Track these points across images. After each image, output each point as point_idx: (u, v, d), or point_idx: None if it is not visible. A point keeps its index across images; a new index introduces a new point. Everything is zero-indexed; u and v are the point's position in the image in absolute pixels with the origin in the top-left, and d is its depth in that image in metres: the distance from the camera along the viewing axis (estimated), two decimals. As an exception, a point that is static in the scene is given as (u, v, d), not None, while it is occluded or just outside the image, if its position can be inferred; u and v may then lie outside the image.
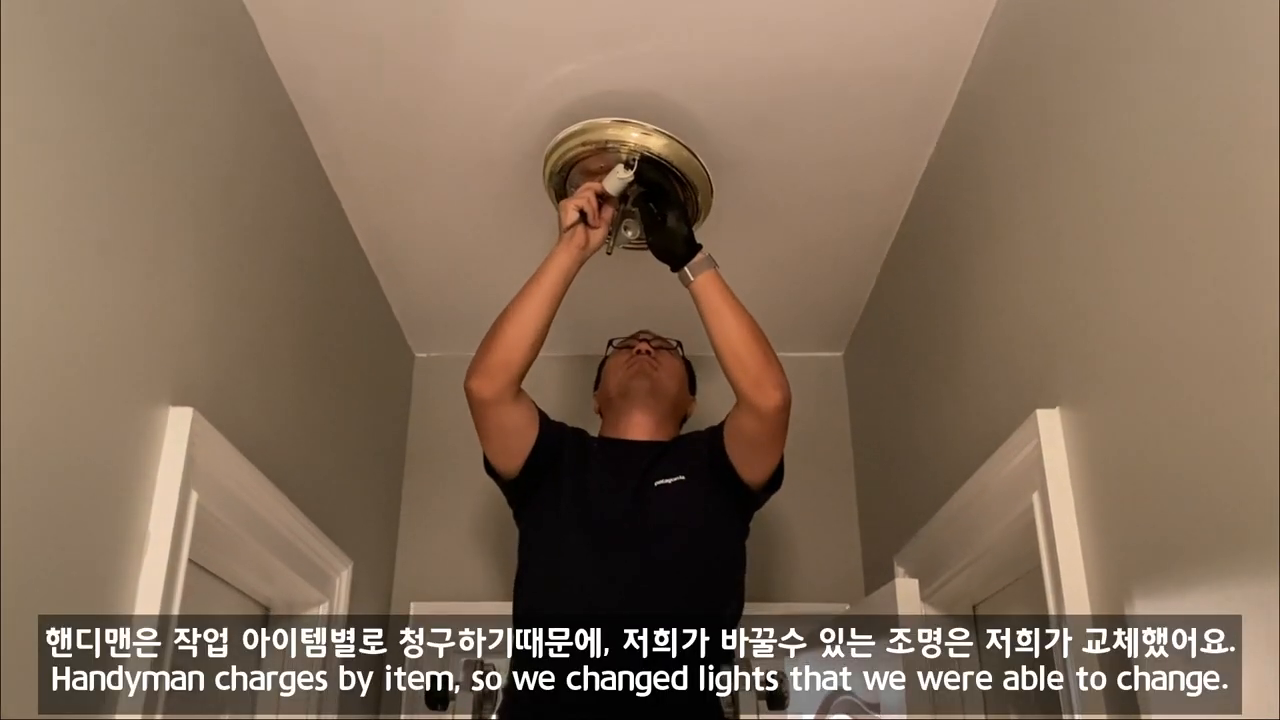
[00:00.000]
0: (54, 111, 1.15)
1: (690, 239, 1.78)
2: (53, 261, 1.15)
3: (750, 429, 1.79)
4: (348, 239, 2.35)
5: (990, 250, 1.78)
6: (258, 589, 1.98)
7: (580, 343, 2.60)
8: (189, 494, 1.42)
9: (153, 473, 1.38)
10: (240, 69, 1.72)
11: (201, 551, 1.62)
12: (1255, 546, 0.99)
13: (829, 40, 1.78)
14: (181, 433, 1.41)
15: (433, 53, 1.81)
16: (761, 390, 1.73)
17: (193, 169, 1.52)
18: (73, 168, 1.20)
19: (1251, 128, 0.98)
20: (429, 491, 2.85)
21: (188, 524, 1.42)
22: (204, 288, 1.56)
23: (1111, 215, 1.31)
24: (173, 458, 1.40)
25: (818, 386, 2.95)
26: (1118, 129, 1.29)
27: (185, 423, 1.42)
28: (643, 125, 1.80)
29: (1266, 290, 0.94)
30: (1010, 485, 1.58)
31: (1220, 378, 1.04)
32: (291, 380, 1.98)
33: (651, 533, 1.82)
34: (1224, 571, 1.06)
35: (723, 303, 1.77)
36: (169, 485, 1.38)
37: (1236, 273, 1.01)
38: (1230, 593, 1.04)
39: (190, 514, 1.43)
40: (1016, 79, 1.65)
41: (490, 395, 1.75)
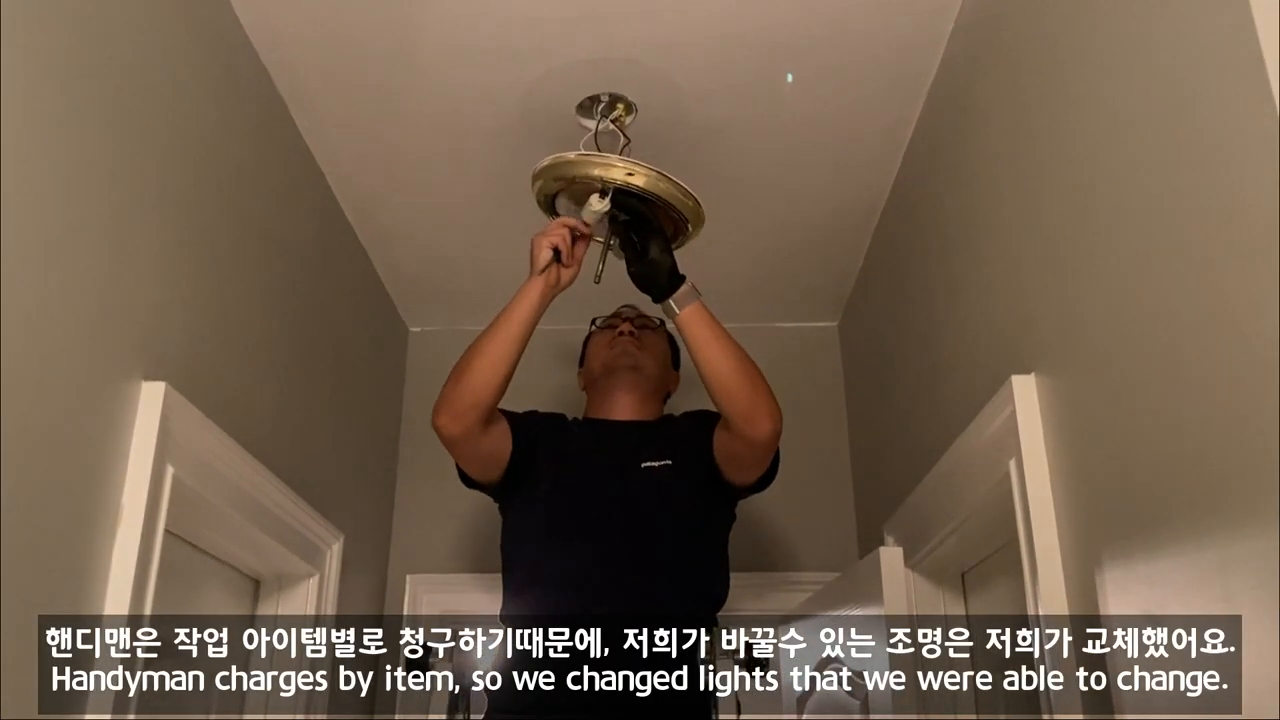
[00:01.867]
0: (15, 84, 1.15)
1: (674, 270, 1.70)
2: (18, 239, 1.15)
3: (739, 451, 1.76)
4: (335, 214, 2.34)
5: (972, 217, 1.76)
6: (246, 562, 2.00)
7: (567, 315, 2.59)
8: (164, 468, 1.43)
9: (125, 448, 1.39)
10: (216, 40, 1.71)
11: (185, 525, 1.63)
12: (1223, 510, 0.99)
13: (810, 5, 1.76)
14: (154, 407, 1.41)
15: (413, 24, 1.80)
16: (752, 423, 1.69)
17: (166, 142, 1.52)
18: (39, 141, 1.20)
19: (1229, 94, 0.96)
20: (426, 465, 2.85)
21: (163, 497, 1.43)
22: (176, 262, 1.56)
23: (1087, 182, 1.30)
24: (145, 432, 1.40)
25: (813, 357, 2.95)
26: (1095, 96, 1.27)
27: (158, 397, 1.42)
28: (605, 157, 1.72)
29: (1242, 259, 0.93)
30: (988, 452, 1.57)
31: (1193, 346, 1.04)
32: (276, 355, 1.98)
33: (639, 515, 1.82)
34: (1193, 535, 1.05)
35: (710, 335, 1.70)
36: (141, 460, 1.39)
37: (1212, 241, 1.00)
38: (1199, 557, 1.04)
39: (166, 488, 1.44)
40: (996, 43, 1.63)
41: (459, 433, 1.72)
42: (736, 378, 1.69)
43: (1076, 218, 1.33)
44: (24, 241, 1.16)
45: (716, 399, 1.71)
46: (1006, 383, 1.47)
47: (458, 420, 1.71)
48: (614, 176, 1.70)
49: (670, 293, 1.69)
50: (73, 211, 1.27)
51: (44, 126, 1.22)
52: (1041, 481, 1.40)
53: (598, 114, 1.99)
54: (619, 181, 1.70)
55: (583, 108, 2.00)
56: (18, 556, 1.15)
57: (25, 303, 1.17)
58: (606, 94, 1.97)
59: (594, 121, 1.99)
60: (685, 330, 1.71)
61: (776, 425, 1.70)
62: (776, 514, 2.77)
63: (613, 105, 1.98)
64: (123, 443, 1.38)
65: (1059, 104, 1.38)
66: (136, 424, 1.40)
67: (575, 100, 1.99)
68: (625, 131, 1.99)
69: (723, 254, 2.38)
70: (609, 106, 1.98)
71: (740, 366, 1.70)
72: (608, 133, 1.99)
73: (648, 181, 1.70)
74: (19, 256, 1.15)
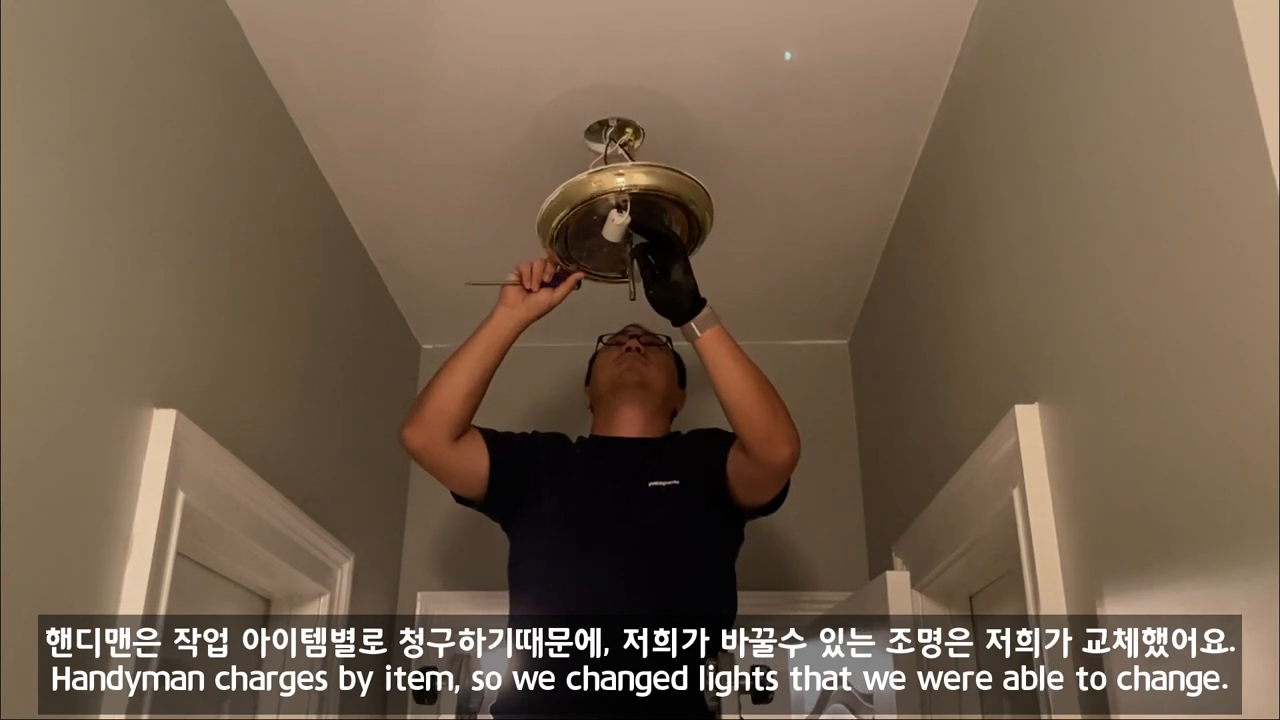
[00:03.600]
0: (25, 113, 1.17)
1: (695, 293, 1.70)
2: (30, 268, 1.17)
3: (755, 475, 1.77)
4: (346, 234, 2.37)
5: (977, 244, 1.77)
6: (257, 583, 2.01)
7: (575, 333, 2.62)
8: (175, 493, 1.45)
9: (138, 474, 1.41)
10: (226, 64, 1.74)
11: (195, 548, 1.65)
12: (1221, 541, 0.99)
13: (816, 32, 1.77)
14: (165, 434, 1.43)
15: (422, 47, 1.82)
16: (771, 447, 1.69)
17: (177, 173, 1.54)
18: (48, 170, 1.22)
19: (1232, 125, 0.96)
20: (436, 484, 2.87)
21: (174, 523, 1.45)
22: (186, 287, 1.58)
23: (1089, 211, 1.30)
24: (157, 459, 1.42)
25: (823, 374, 2.95)
26: (1097, 124, 1.28)
27: (169, 424, 1.44)
28: (617, 166, 1.73)
29: (1243, 288, 0.94)
30: (993, 479, 1.57)
31: (1193, 378, 1.04)
32: (286, 378, 2.00)
33: (643, 534, 1.82)
34: (1193, 569, 1.05)
35: (731, 359, 1.70)
36: (153, 486, 1.41)
37: (1212, 276, 1.00)
38: (1198, 593, 1.04)
39: (177, 513, 1.46)
40: (1000, 72, 1.64)
41: (423, 445, 1.78)
42: (756, 402, 1.68)
43: (1078, 248, 1.34)
44: (35, 270, 1.18)
45: (735, 423, 1.71)
46: (1010, 412, 1.48)
47: (422, 430, 1.78)
48: (614, 184, 1.71)
49: (691, 316, 1.69)
50: (83, 239, 1.29)
51: (53, 155, 1.24)
52: (1044, 511, 1.40)
53: (606, 138, 2.00)
54: (620, 186, 1.71)
55: (591, 132, 2.02)
56: (30, 580, 1.17)
57: (37, 331, 1.19)
58: (615, 118, 1.98)
59: (603, 145, 2.01)
60: (706, 353, 1.70)
61: (795, 450, 1.69)
62: (787, 532, 2.77)
63: (621, 129, 2.00)
64: (134, 470, 1.40)
65: (1061, 133, 1.39)
66: (148, 451, 1.42)
67: (584, 124, 2.00)
68: (634, 155, 2.01)
69: (733, 271, 2.39)
70: (618, 131, 2.00)
71: (760, 391, 1.69)
72: (616, 156, 2.01)
73: (657, 177, 1.71)
74: (31, 285, 1.17)
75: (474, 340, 1.82)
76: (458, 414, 1.78)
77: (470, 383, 1.78)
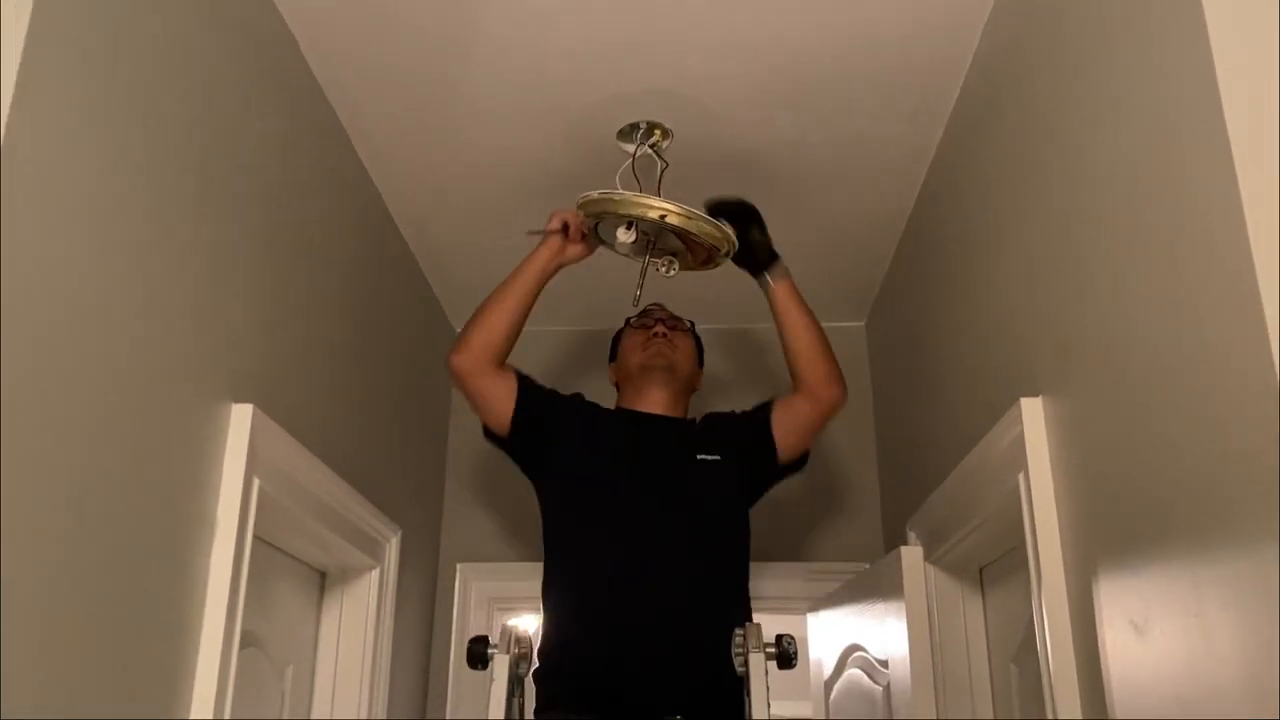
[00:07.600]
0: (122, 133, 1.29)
1: (770, 248, 2.06)
2: (127, 282, 1.30)
3: (806, 414, 2.06)
4: (391, 232, 2.50)
5: (986, 240, 1.86)
6: (315, 558, 2.16)
7: (592, 317, 2.80)
8: (252, 481, 1.59)
9: (219, 464, 1.55)
10: (287, 90, 1.86)
11: (264, 529, 1.79)
12: (1212, 529, 1.06)
13: (837, 37, 1.86)
14: (243, 427, 1.57)
15: (465, 58, 1.93)
16: (829, 386, 2.04)
17: (244, 185, 1.66)
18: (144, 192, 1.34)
19: (1235, 128, 1.00)
20: (472, 460, 3.02)
21: (251, 507, 1.59)
22: (260, 294, 1.71)
23: (1090, 213, 1.37)
24: (236, 450, 1.56)
25: (841, 354, 3.03)
26: (1099, 127, 1.34)
27: (246, 418, 1.58)
28: (661, 205, 1.89)
29: (1238, 286, 0.97)
30: (1000, 464, 1.69)
31: (1190, 374, 1.09)
32: (341, 369, 2.14)
33: (693, 505, 2.00)
34: (1183, 551, 1.12)
35: (799, 306, 2.07)
36: (234, 475, 1.55)
37: (1211, 270, 1.04)
38: (1182, 575, 1.12)
39: (254, 498, 1.59)
40: (1012, 75, 1.71)
41: (468, 368, 2.01)
42: (819, 345, 2.06)
43: (1077, 249, 1.41)
44: (132, 283, 1.31)
45: (799, 364, 2.04)
46: (1016, 404, 1.59)
47: (469, 354, 2.01)
48: (651, 216, 1.89)
49: (767, 267, 2.05)
50: (170, 257, 1.41)
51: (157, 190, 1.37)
52: (1046, 497, 1.51)
53: (637, 139, 2.12)
54: (654, 220, 1.90)
55: (623, 133, 2.13)
56: (124, 566, 1.30)
57: (132, 338, 1.32)
58: (645, 121, 2.10)
59: (633, 146, 2.13)
60: (778, 300, 2.07)
61: (845, 389, 2.08)
62: (809, 507, 2.91)
63: (650, 131, 2.12)
64: (217, 459, 1.54)
65: (1071, 134, 1.44)
66: (229, 442, 1.56)
67: (616, 127, 2.12)
68: (663, 155, 2.13)
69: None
70: (647, 132, 2.12)
71: (822, 337, 2.08)
72: (645, 156, 2.12)
73: (681, 221, 1.89)
74: (127, 297, 1.30)
75: (519, 276, 2.05)
76: (501, 342, 2.02)
77: (515, 312, 2.03)
